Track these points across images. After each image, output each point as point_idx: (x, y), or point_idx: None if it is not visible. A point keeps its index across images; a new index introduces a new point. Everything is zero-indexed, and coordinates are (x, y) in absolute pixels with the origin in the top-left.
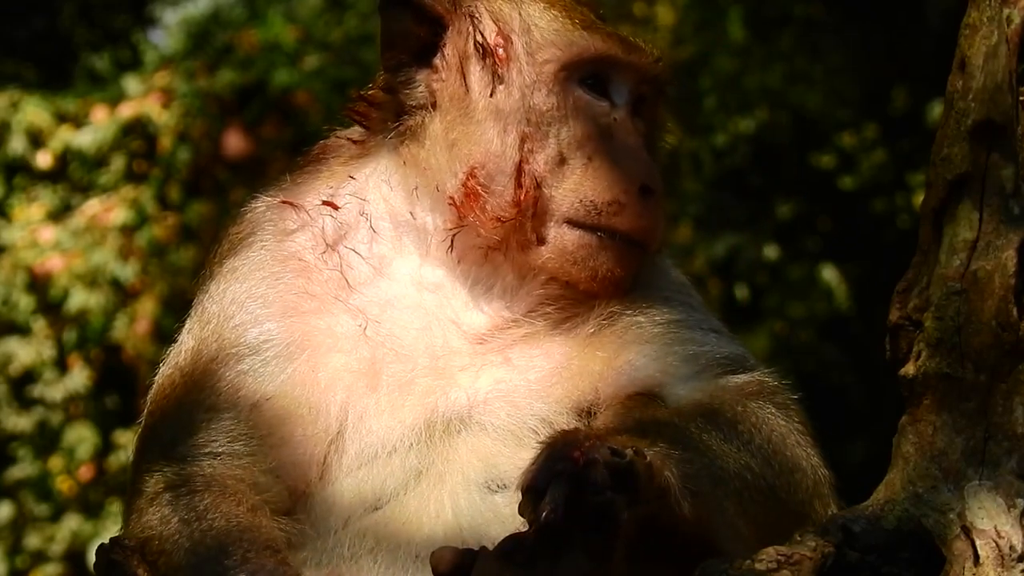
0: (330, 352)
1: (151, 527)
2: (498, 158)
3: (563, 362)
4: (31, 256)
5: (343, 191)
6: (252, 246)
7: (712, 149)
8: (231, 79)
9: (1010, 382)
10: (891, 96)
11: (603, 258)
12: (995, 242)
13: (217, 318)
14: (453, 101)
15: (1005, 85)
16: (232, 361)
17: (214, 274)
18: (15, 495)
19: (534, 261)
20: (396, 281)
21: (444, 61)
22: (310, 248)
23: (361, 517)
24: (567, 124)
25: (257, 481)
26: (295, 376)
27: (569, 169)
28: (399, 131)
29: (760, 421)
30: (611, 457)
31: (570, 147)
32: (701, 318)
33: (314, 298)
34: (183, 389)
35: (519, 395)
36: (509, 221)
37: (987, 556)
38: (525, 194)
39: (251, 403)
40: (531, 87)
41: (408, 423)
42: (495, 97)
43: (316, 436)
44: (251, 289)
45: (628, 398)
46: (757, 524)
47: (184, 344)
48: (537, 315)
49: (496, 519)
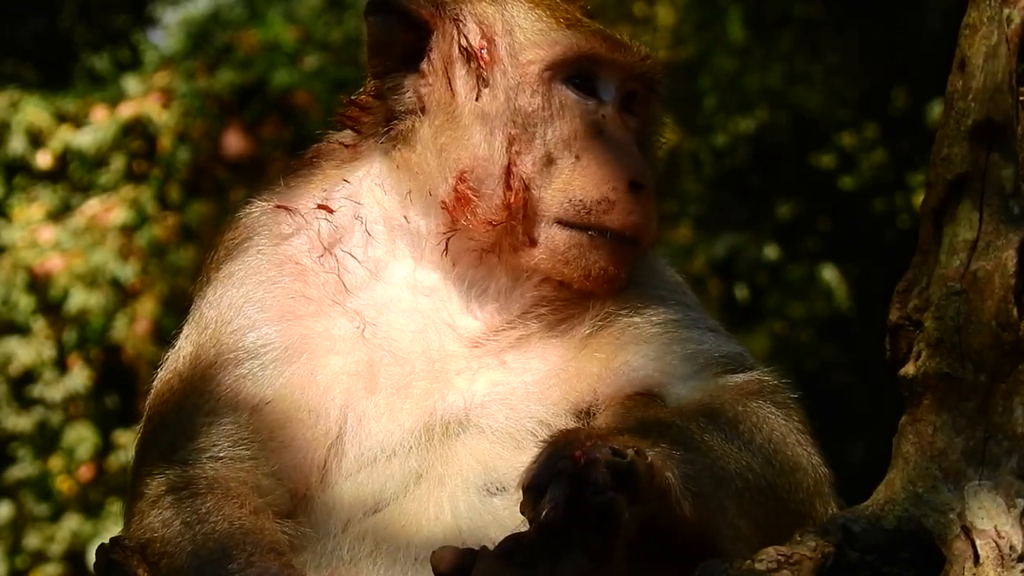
0: (328, 354)
1: (153, 529)
2: (486, 162)
3: (560, 364)
4: (31, 256)
5: (337, 194)
6: (248, 251)
7: (712, 149)
8: (231, 79)
9: (1010, 382)
10: (891, 96)
11: (595, 256)
12: (995, 242)
13: (215, 323)
14: (440, 106)
15: (1005, 85)
16: (231, 365)
17: (211, 280)
18: (15, 495)
19: (527, 263)
20: (391, 284)
21: (431, 66)
22: (306, 252)
23: (361, 520)
24: (553, 124)
25: (260, 484)
26: (293, 379)
27: (557, 169)
28: (390, 136)
29: (760, 421)
30: (612, 457)
31: (557, 147)
32: (698, 317)
33: (311, 301)
34: (182, 394)
35: (516, 398)
36: (500, 224)
37: (987, 556)
38: (515, 196)
39: (251, 407)
40: (515, 89)
41: (407, 426)
42: (480, 101)
43: (316, 439)
44: (248, 293)
45: (628, 398)
46: (758, 524)
47: (182, 349)
48: (532, 317)
49: (495, 522)
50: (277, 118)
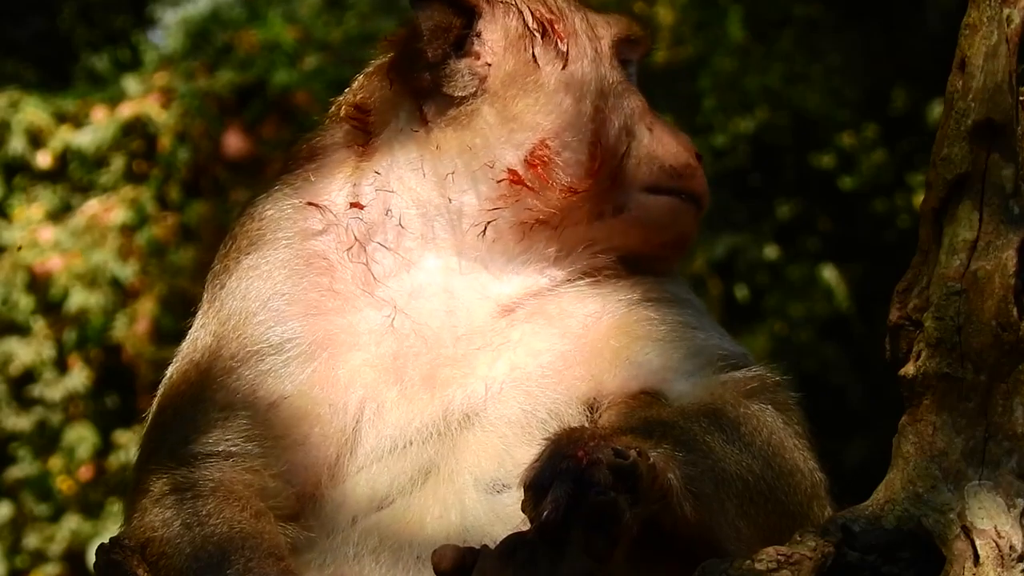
0: (351, 350)
1: (153, 528)
2: (573, 128)
3: (576, 343)
4: (31, 256)
5: (367, 187)
6: (274, 244)
7: (712, 149)
8: (231, 79)
9: (1010, 382)
10: (891, 96)
11: (684, 220)
12: (995, 242)
13: (239, 314)
14: (513, 78)
15: (1005, 85)
16: (253, 360)
17: (230, 269)
18: (15, 495)
19: (598, 233)
20: (423, 270)
21: (487, 46)
22: (334, 247)
23: (367, 515)
24: (628, 96)
25: (266, 485)
26: (314, 376)
27: (636, 139)
28: (433, 121)
29: (761, 423)
30: (614, 458)
31: (633, 117)
32: (701, 315)
33: (338, 295)
34: (199, 386)
35: (533, 383)
36: (582, 192)
37: (987, 556)
38: (600, 164)
39: (269, 403)
40: (596, 60)
41: (426, 417)
42: (568, 69)
43: (331, 436)
44: (275, 287)
45: (632, 397)
46: (758, 525)
47: (200, 340)
48: (570, 286)
49: (500, 519)
50: (277, 118)
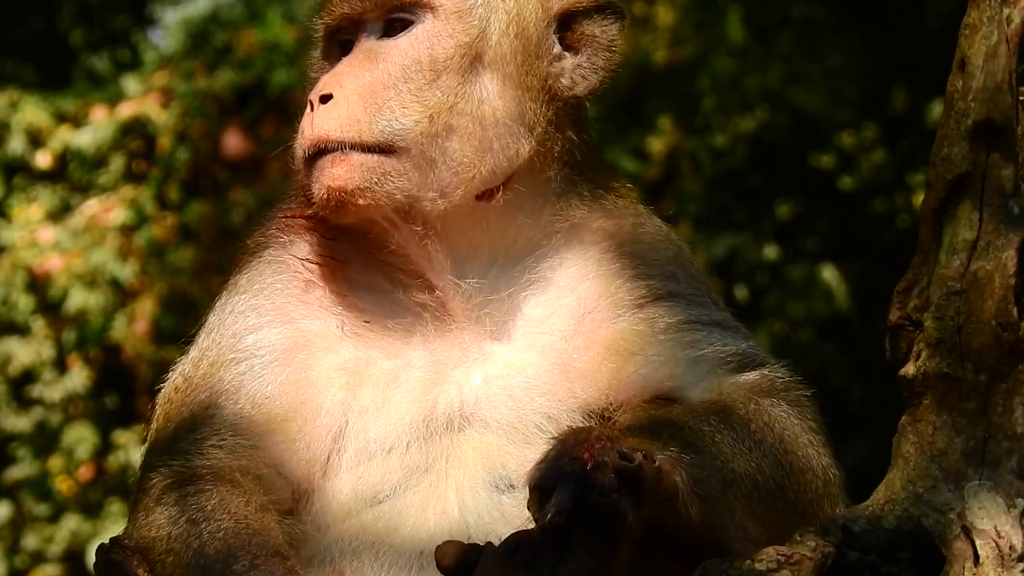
0: (325, 353)
1: (159, 526)
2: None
3: (564, 359)
4: (31, 256)
5: None
6: (252, 262)
7: (711, 149)
8: (230, 79)
9: (1010, 382)
10: (891, 96)
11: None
12: (995, 242)
13: (217, 328)
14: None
15: (1005, 85)
16: (231, 364)
17: (221, 293)
18: (14, 495)
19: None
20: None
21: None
22: (307, 256)
23: (360, 513)
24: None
25: (262, 474)
26: (291, 377)
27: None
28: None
29: (772, 420)
30: (619, 461)
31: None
32: (703, 311)
33: (309, 305)
34: (187, 395)
35: (518, 389)
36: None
37: (987, 556)
38: None
39: (252, 401)
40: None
41: (407, 420)
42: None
43: (317, 435)
44: (249, 300)
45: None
46: (766, 525)
47: (190, 355)
48: (525, 287)
49: (503, 519)
50: (276, 118)
